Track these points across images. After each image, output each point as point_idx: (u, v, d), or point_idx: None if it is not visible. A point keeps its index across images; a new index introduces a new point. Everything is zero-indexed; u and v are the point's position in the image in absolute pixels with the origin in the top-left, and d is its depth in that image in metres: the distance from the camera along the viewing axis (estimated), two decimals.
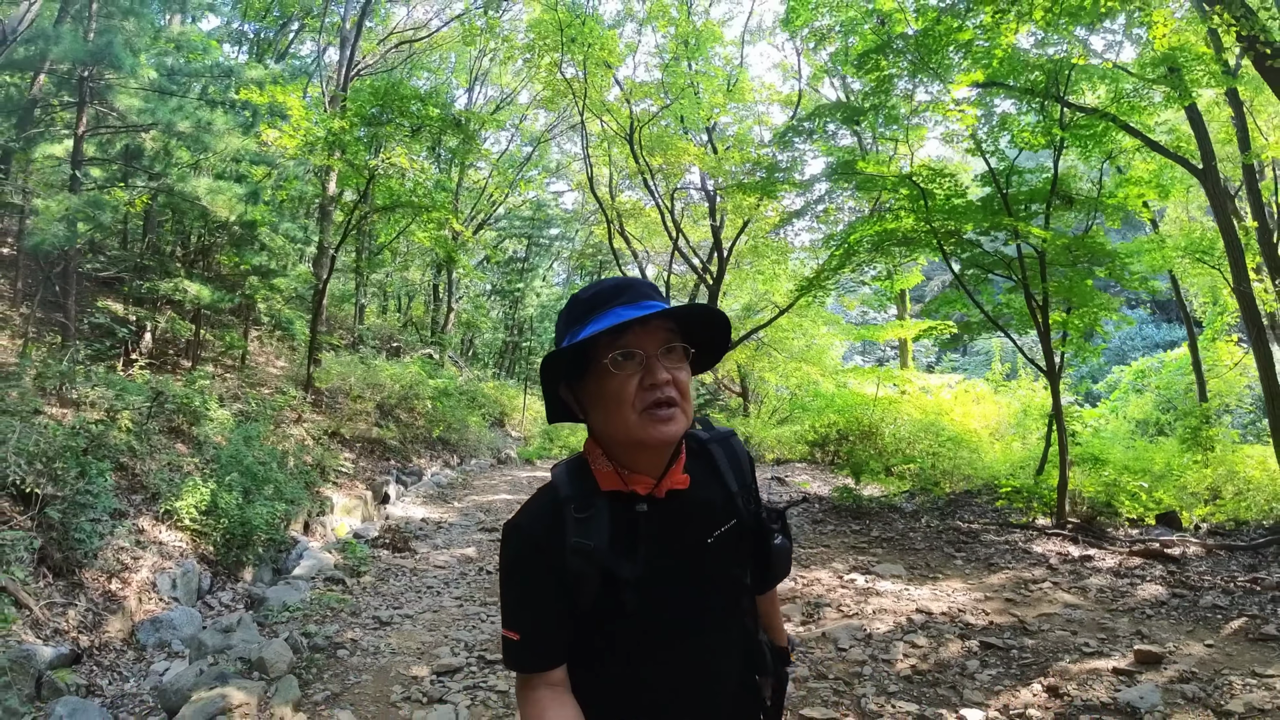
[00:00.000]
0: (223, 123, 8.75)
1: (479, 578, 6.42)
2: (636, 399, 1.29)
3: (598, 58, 12.27)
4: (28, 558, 5.10)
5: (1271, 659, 4.13)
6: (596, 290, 1.37)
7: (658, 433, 1.30)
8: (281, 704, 3.70)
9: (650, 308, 1.30)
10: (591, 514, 1.33)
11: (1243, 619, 4.76)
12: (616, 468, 1.36)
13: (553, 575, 1.30)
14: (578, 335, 1.32)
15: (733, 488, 1.49)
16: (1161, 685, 3.82)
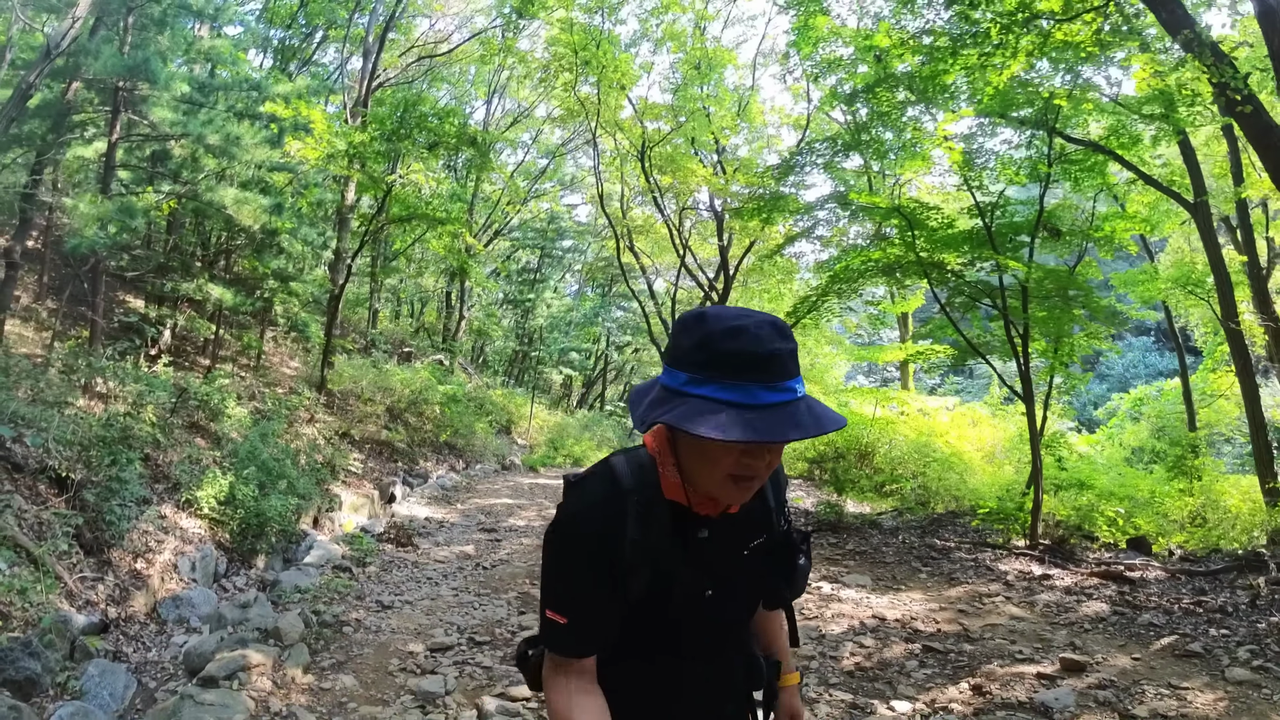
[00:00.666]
0: (250, 137, 9.40)
1: (475, 573, 6.98)
2: (731, 468, 1.29)
3: (611, 79, 12.92)
4: (64, 536, 5.69)
5: (1190, 673, 4.59)
6: (739, 349, 1.25)
7: (733, 498, 1.33)
8: (293, 666, 4.26)
9: (790, 393, 1.25)
10: (654, 513, 1.36)
11: (1174, 636, 5.22)
12: (685, 485, 1.37)
13: (608, 564, 1.33)
14: (699, 386, 1.26)
15: (771, 504, 1.53)
16: (1078, 690, 4.29)
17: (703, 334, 1.28)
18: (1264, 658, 4.64)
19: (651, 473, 1.38)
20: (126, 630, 5.46)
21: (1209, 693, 4.21)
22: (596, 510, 1.36)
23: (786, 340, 1.29)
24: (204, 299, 11.30)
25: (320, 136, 10.93)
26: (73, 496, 5.97)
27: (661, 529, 1.35)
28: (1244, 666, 4.51)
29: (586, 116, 14.00)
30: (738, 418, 1.21)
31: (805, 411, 1.25)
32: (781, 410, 1.23)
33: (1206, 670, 4.56)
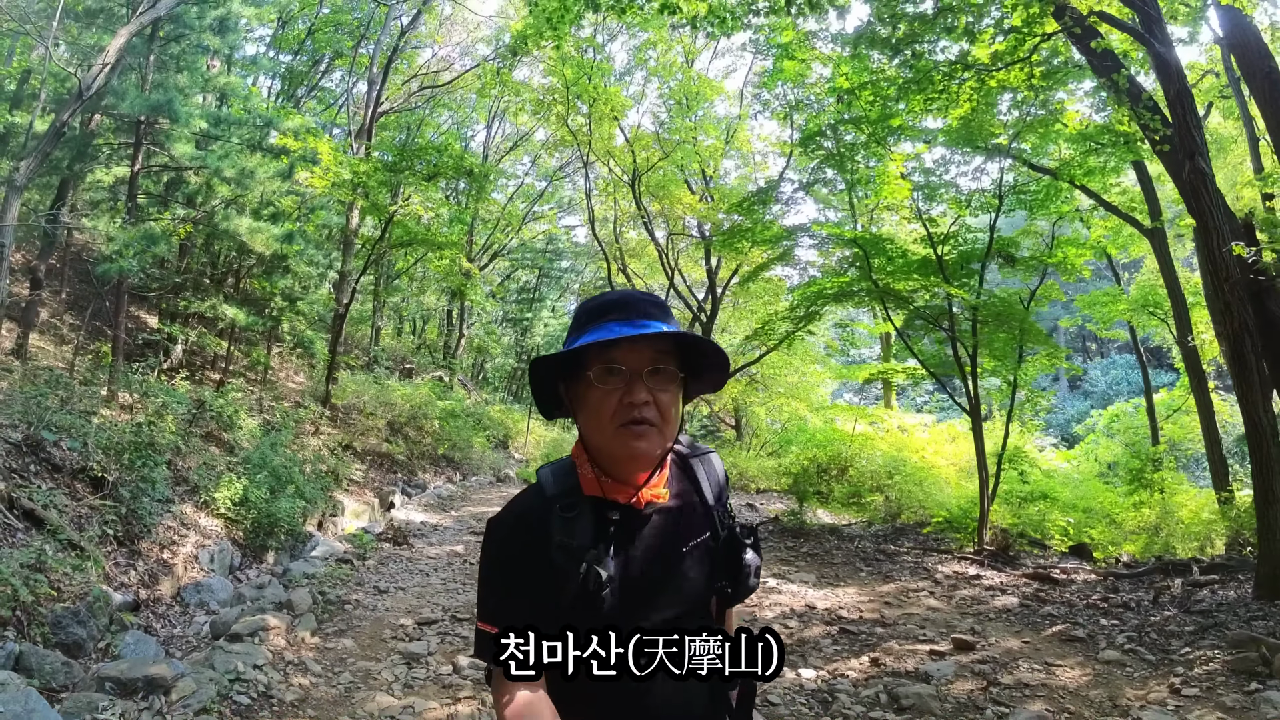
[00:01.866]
0: (263, 170, 10.44)
1: (462, 567, 7.93)
2: (615, 414, 1.37)
3: (602, 111, 13.99)
4: (100, 527, 6.66)
5: (1067, 654, 5.43)
6: (601, 301, 1.45)
7: (628, 448, 1.39)
8: (303, 630, 5.22)
9: (645, 327, 1.37)
10: (576, 514, 1.41)
11: (1064, 625, 6.09)
12: (598, 475, 1.44)
13: (536, 570, 1.38)
14: (574, 343, 1.41)
15: (710, 502, 1.57)
16: (960, 663, 5.16)
17: (577, 310, 1.49)
18: (1138, 643, 5.48)
19: (572, 474, 1.48)
20: (155, 610, 6.42)
21: (1076, 669, 5.07)
22: (518, 520, 1.45)
23: (649, 296, 1.47)
24: (218, 318, 12.33)
25: (327, 167, 11.99)
26: (108, 494, 6.95)
27: (583, 527, 1.41)
28: (1116, 649, 5.37)
29: (578, 146, 15.08)
30: (591, 341, 1.37)
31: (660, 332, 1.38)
32: (635, 334, 1.36)
33: (1083, 652, 5.42)
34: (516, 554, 1.41)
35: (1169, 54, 6.39)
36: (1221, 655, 4.83)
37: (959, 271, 9.69)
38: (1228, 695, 4.25)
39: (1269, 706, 4.01)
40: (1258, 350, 6.56)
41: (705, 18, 8.03)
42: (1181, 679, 4.54)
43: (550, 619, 1.37)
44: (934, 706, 4.31)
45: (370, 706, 4.18)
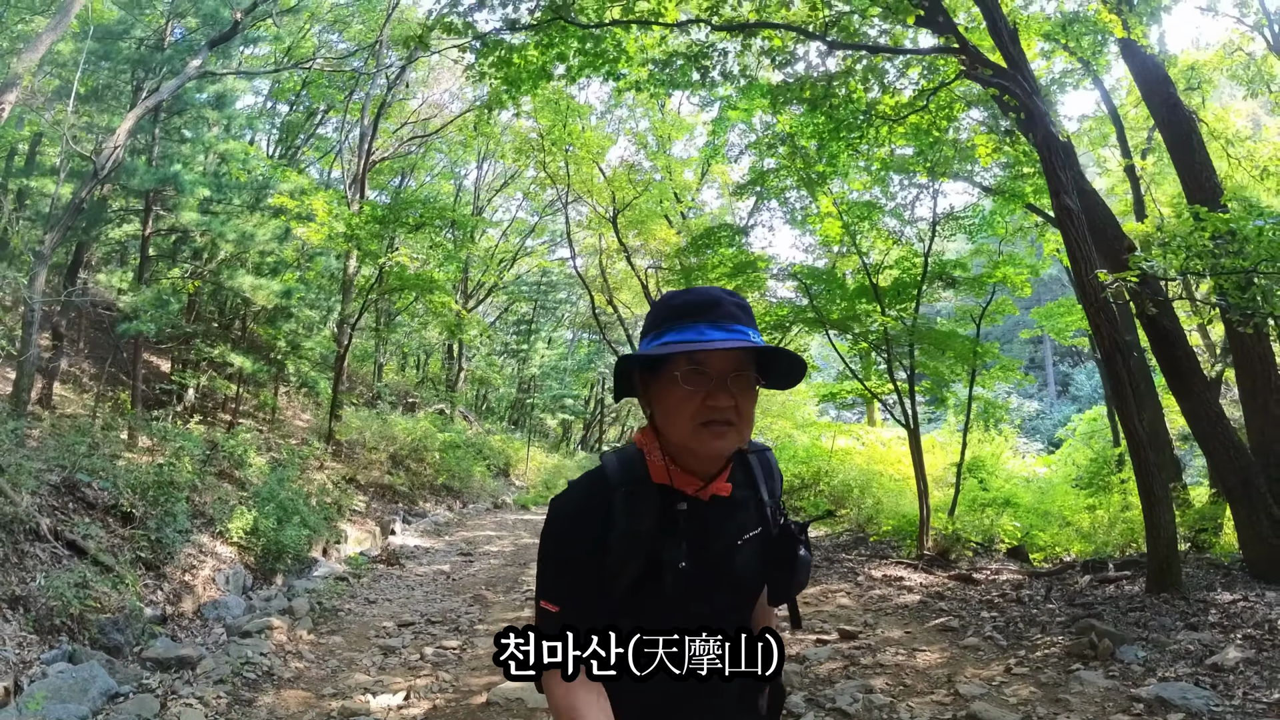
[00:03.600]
0: (261, 233, 11.91)
1: (445, 582, 9.24)
2: (697, 413, 1.44)
3: (580, 156, 15.44)
4: (131, 554, 8.04)
5: (935, 640, 6.49)
6: (686, 299, 1.50)
7: (709, 447, 1.46)
8: (301, 630, 6.56)
9: (734, 333, 1.44)
10: (641, 501, 1.49)
11: (947, 618, 7.19)
12: (669, 463, 1.51)
13: (595, 555, 1.47)
14: (659, 339, 1.47)
15: (765, 498, 1.65)
16: (837, 649, 6.26)
17: (660, 302, 1.54)
18: (1001, 632, 6.56)
19: (639, 463, 1.54)
20: (179, 623, 7.76)
21: (936, 653, 6.12)
22: (582, 504, 1.51)
23: (734, 297, 1.51)
24: (224, 362, 13.80)
25: (322, 221, 13.46)
26: (137, 526, 8.33)
27: (649, 513, 1.47)
28: (979, 637, 6.47)
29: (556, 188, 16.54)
30: (684, 348, 1.42)
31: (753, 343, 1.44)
32: (728, 341, 1.42)
33: (949, 640, 6.51)
34: (580, 535, 1.48)
35: (1034, 101, 7.60)
36: (1063, 641, 5.99)
37: (898, 297, 10.94)
38: (1048, 674, 5.35)
39: (1077, 683, 5.12)
40: (1129, 367, 7.74)
41: (647, 81, 9.42)
42: (1018, 660, 5.70)
43: (609, 601, 1.48)
44: (795, 681, 5.48)
45: (350, 682, 5.50)
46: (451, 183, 26.13)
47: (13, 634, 6.17)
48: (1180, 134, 9.67)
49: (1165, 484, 7.75)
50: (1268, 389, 9.18)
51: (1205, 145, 10.05)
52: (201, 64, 11.92)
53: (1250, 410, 9.39)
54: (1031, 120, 7.64)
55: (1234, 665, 5.16)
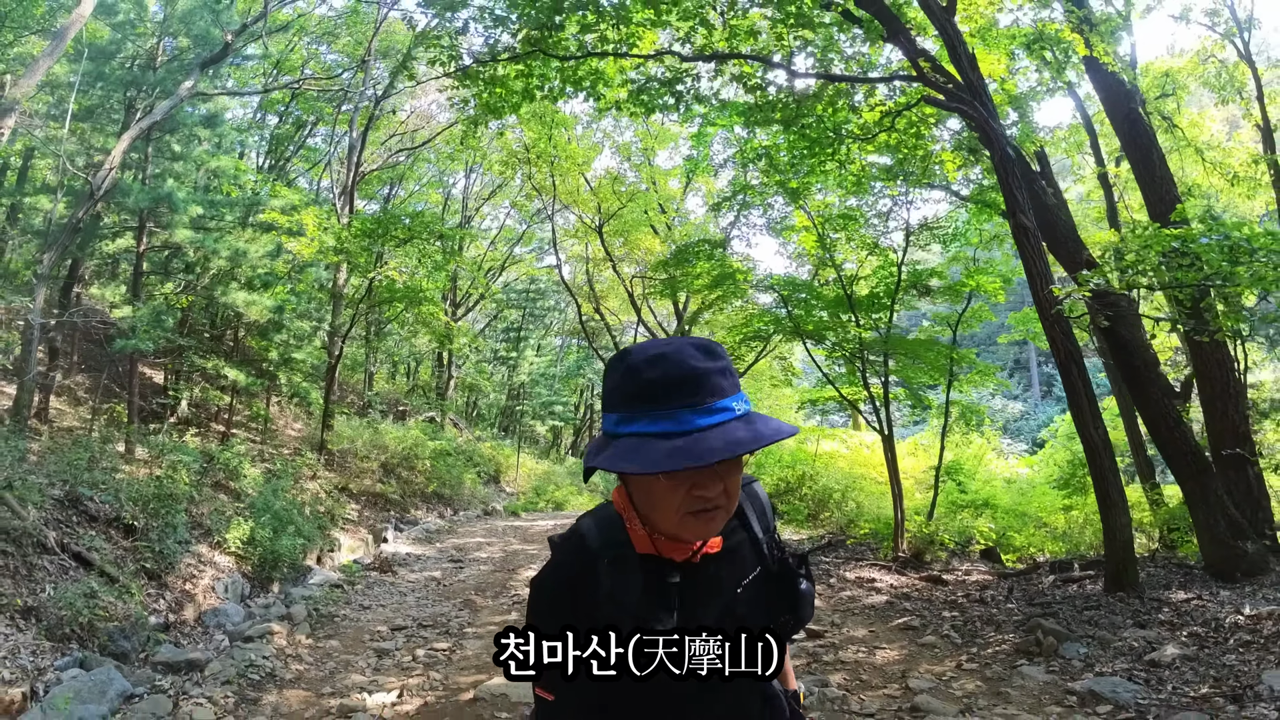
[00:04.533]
0: (253, 249, 12.36)
1: (436, 588, 9.69)
2: (682, 504, 1.33)
3: (565, 168, 15.93)
4: (135, 565, 8.47)
5: (895, 639, 6.92)
6: (661, 375, 1.31)
7: (696, 533, 1.38)
8: (300, 634, 7.01)
9: (719, 413, 1.29)
10: (625, 571, 1.41)
11: (910, 617, 7.64)
12: (650, 534, 1.43)
13: (584, 627, 1.38)
14: (630, 424, 1.32)
15: (759, 535, 1.58)
16: (802, 647, 6.60)
17: (625, 369, 1.35)
18: (959, 631, 7.02)
19: (619, 529, 1.46)
20: (181, 630, 8.19)
21: (894, 651, 6.56)
22: (565, 575, 1.46)
23: (714, 358, 1.34)
24: (217, 375, 14.22)
25: (312, 236, 13.92)
26: (138, 538, 8.77)
27: (634, 585, 1.41)
28: (935, 634, 6.94)
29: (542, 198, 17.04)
30: (666, 447, 1.26)
31: (743, 428, 1.29)
32: (715, 431, 1.27)
33: (909, 638, 6.97)
34: (562, 612, 1.42)
35: (991, 124, 8.07)
36: (1013, 639, 6.48)
37: (872, 306, 11.44)
38: (995, 669, 5.83)
39: (1019, 678, 5.60)
40: (1084, 377, 8.22)
41: (625, 102, 9.90)
42: (969, 657, 6.18)
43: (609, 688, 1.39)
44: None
45: (347, 682, 5.95)
46: (440, 192, 26.65)
47: (27, 642, 6.59)
48: (1141, 148, 10.21)
49: (1121, 488, 8.23)
50: (1226, 395, 9.72)
51: (1166, 158, 10.61)
52: (194, 85, 12.36)
53: (1210, 416, 9.92)
54: (989, 141, 8.12)
55: (1170, 661, 5.64)
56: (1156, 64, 17.63)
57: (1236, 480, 9.16)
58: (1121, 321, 9.08)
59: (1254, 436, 13.93)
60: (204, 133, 13.31)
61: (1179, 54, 19.16)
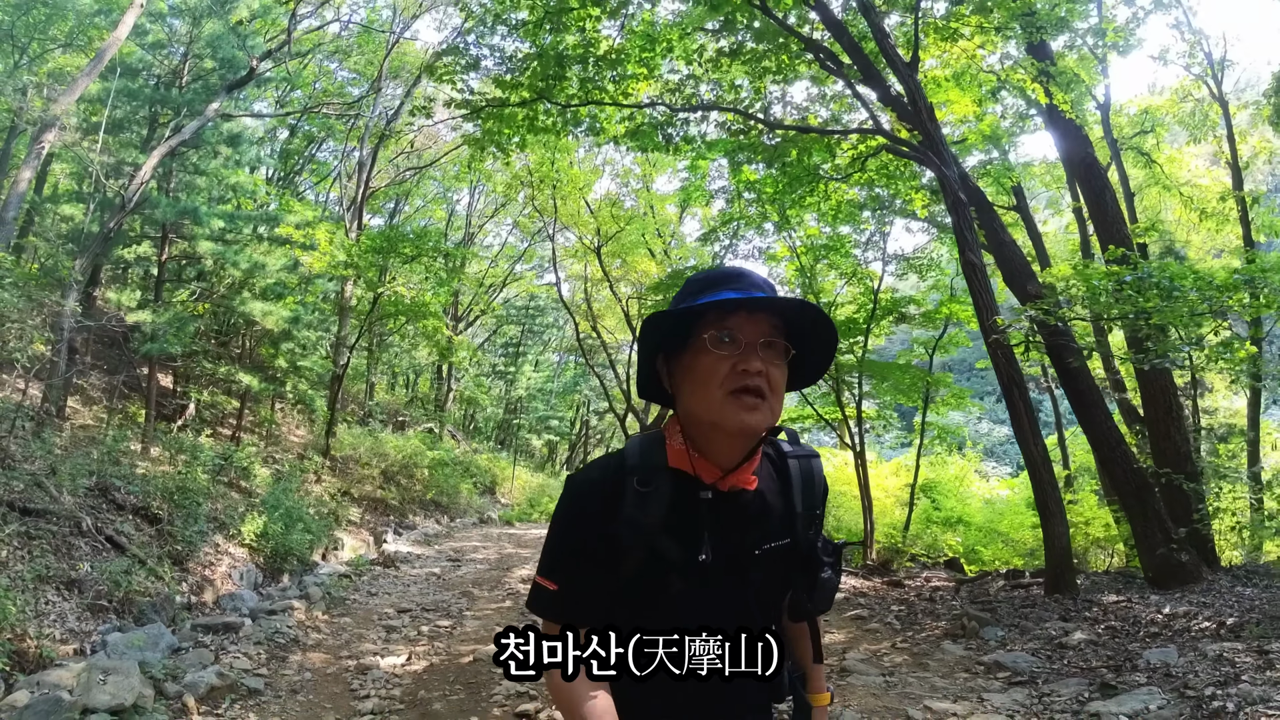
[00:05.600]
0: (272, 262, 13.44)
1: (438, 582, 10.68)
2: (727, 379, 1.42)
3: (566, 192, 17.07)
4: (158, 550, 9.49)
5: (845, 626, 7.84)
6: (712, 274, 1.53)
7: (738, 419, 1.43)
8: (317, 611, 8.02)
9: (762, 296, 1.46)
10: (652, 489, 1.46)
11: (861, 610, 8.59)
12: (689, 448, 1.50)
13: (601, 538, 1.46)
14: (682, 305, 1.49)
15: (798, 508, 1.59)
16: None
17: (686, 283, 1.58)
18: (901, 620, 8.02)
19: (659, 447, 1.53)
20: (202, 611, 9.19)
21: (840, 634, 7.49)
22: (595, 486, 1.52)
23: (761, 278, 1.55)
24: (228, 379, 15.27)
25: (324, 251, 15.02)
26: (163, 527, 9.79)
27: (661, 499, 1.46)
28: (880, 623, 7.94)
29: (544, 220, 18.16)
30: (714, 299, 1.46)
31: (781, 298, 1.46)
32: (755, 296, 1.46)
33: (857, 625, 7.92)
34: (587, 516, 1.49)
35: (947, 171, 9.12)
36: (944, 626, 7.52)
37: (850, 331, 12.50)
38: (922, 647, 6.83)
39: (940, 653, 6.60)
40: (1025, 399, 9.26)
41: (623, 138, 11.01)
42: (904, 639, 7.20)
43: (611, 589, 1.48)
44: None
45: (360, 649, 6.96)
46: (444, 208, 27.85)
47: (72, 609, 7.62)
48: (1095, 191, 11.30)
49: (1059, 500, 9.26)
50: (1169, 418, 10.77)
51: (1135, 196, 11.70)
52: (219, 107, 13.48)
53: (1154, 436, 10.97)
54: (944, 187, 9.20)
55: (1076, 644, 6.65)
56: (1138, 101, 18.69)
57: (1177, 496, 10.18)
58: (1067, 350, 10.10)
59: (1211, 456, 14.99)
60: (227, 150, 14.41)
61: (1159, 91, 20.32)
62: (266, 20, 16.28)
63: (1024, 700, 5.20)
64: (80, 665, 5.23)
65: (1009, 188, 14.56)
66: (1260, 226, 16.56)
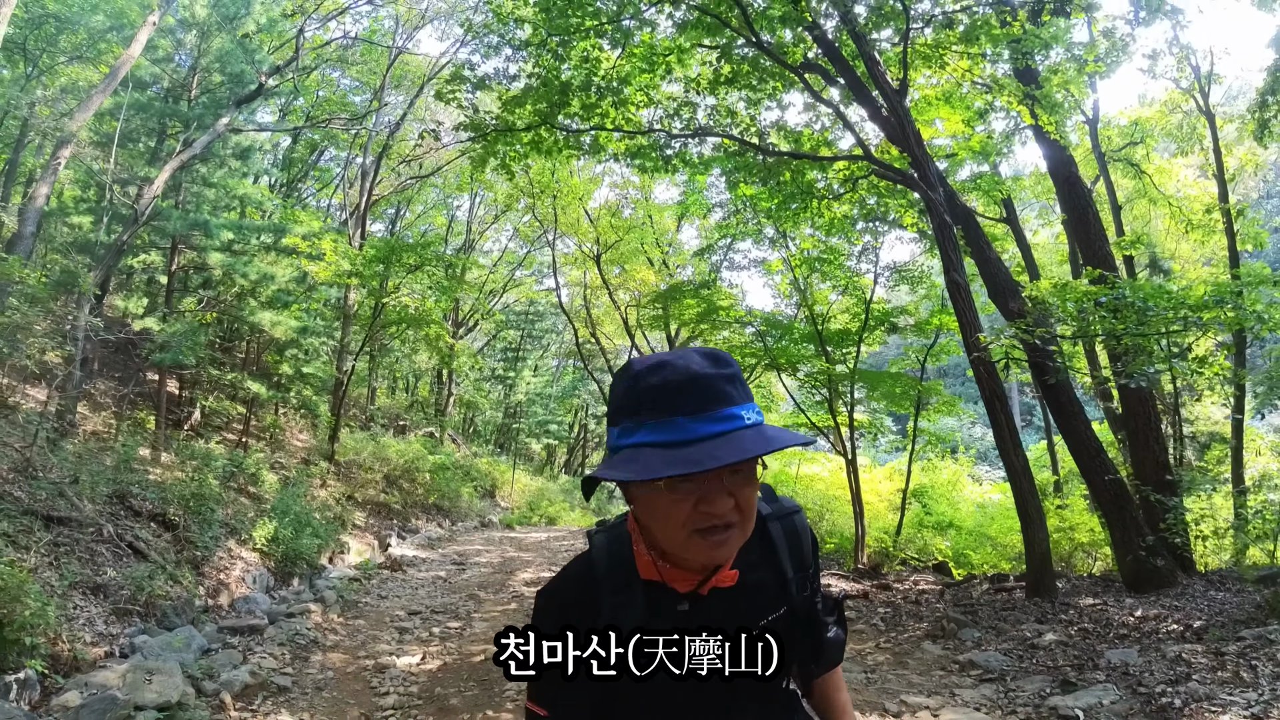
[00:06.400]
0: (281, 274, 13.96)
1: (444, 585, 11.21)
2: (689, 520, 1.29)
3: (565, 201, 17.63)
4: (175, 554, 10.01)
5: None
6: (662, 380, 1.29)
7: (706, 557, 1.33)
8: (332, 614, 8.55)
9: (726, 420, 1.26)
10: (627, 599, 1.41)
11: (849, 613, 9.10)
12: (655, 559, 1.40)
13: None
14: (632, 435, 1.30)
15: (788, 573, 1.52)
16: None
17: (628, 379, 1.34)
18: (886, 622, 8.49)
19: (627, 549, 1.45)
20: (218, 614, 9.70)
21: None
22: (569, 595, 1.45)
23: (720, 365, 1.31)
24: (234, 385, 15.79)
25: (330, 261, 15.56)
26: (180, 532, 10.31)
27: (636, 610, 1.39)
28: (866, 624, 8.39)
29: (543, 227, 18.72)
30: (664, 455, 1.23)
31: (752, 436, 1.25)
32: (720, 440, 1.24)
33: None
34: (563, 630, 1.40)
35: (933, 194, 9.65)
36: (926, 627, 8.06)
37: (843, 341, 13.06)
38: (904, 647, 7.35)
39: (920, 652, 7.14)
40: (1006, 411, 9.80)
41: (624, 154, 11.55)
42: (886, 639, 7.73)
43: (606, 701, 1.41)
44: None
45: (376, 649, 7.49)
46: (445, 215, 28.43)
47: (101, 614, 8.14)
48: (1078, 208, 11.84)
49: (1040, 507, 9.80)
50: (1148, 428, 11.30)
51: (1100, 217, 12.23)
52: (229, 121, 14.01)
53: (1134, 446, 11.50)
54: (930, 208, 9.74)
55: (1047, 644, 7.18)
56: (1127, 113, 19.19)
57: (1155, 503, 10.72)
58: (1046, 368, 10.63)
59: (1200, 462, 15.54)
60: (235, 163, 14.94)
61: (1150, 103, 20.86)
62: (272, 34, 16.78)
63: (991, 695, 5.75)
64: (124, 666, 5.74)
65: (999, 200, 15.10)
66: (1246, 237, 17.09)
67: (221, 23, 14.74)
